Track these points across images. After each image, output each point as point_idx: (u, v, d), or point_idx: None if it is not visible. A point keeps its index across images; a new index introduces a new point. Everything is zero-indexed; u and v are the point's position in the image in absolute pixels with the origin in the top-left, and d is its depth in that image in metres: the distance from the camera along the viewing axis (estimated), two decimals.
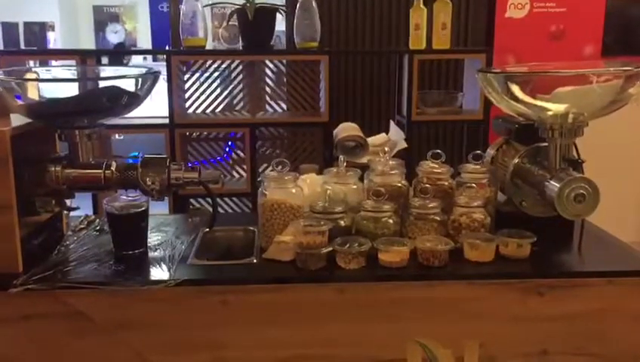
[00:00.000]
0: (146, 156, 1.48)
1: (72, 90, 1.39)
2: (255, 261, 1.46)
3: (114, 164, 1.47)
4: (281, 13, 2.67)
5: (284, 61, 2.94)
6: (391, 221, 1.48)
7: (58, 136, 1.48)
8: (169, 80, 2.51)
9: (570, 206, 1.39)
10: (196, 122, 2.71)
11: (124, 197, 1.53)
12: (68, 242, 1.59)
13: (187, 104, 2.88)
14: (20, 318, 1.33)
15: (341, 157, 1.59)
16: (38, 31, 8.61)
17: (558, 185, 1.39)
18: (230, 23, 2.72)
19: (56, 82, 1.48)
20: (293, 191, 1.52)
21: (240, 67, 2.86)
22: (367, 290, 1.38)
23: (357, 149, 2.60)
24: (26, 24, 8.55)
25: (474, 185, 1.53)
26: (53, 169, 1.45)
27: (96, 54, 2.71)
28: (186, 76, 2.80)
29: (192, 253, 1.51)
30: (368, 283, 1.38)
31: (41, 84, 1.41)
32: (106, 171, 1.46)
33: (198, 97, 2.87)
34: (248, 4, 2.49)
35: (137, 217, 1.51)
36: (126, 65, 7.21)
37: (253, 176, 2.60)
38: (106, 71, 1.63)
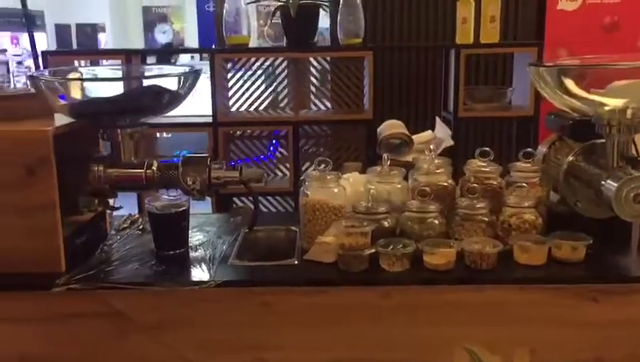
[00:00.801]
0: (186, 155, 1.47)
1: (113, 89, 1.39)
2: (296, 262, 1.43)
3: (155, 164, 1.46)
4: (324, 10, 2.63)
5: (329, 58, 2.91)
6: (436, 222, 1.43)
7: (100, 136, 1.48)
8: (212, 78, 2.51)
9: (629, 206, 1.31)
10: (239, 120, 2.69)
11: (166, 197, 1.53)
12: (111, 241, 1.60)
13: (231, 102, 2.87)
14: (61, 317, 1.34)
15: (385, 156, 1.54)
16: (89, 32, 8.84)
17: (615, 185, 1.31)
18: (275, 20, 2.70)
19: (96, 81, 1.48)
20: (336, 191, 1.49)
21: (283, 65, 2.84)
22: (411, 294, 1.33)
23: (402, 147, 2.54)
24: (78, 26, 8.78)
25: (524, 184, 1.47)
26: (95, 168, 1.45)
27: (141, 54, 2.73)
28: (230, 74, 2.80)
29: (233, 253, 1.49)
30: (413, 286, 1.34)
31: (83, 84, 1.41)
32: (147, 171, 1.46)
33: (241, 95, 2.86)
34: (291, 1, 2.47)
35: (178, 217, 1.50)
36: (174, 64, 7.34)
37: (296, 175, 2.57)
38: (147, 70, 1.63)
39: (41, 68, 2.46)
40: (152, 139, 2.75)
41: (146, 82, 1.44)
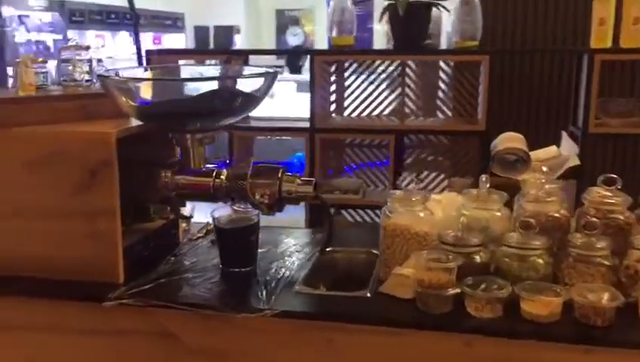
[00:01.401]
0: (258, 165, 1.33)
1: (178, 91, 1.29)
2: (369, 295, 1.24)
3: (224, 173, 1.35)
4: (438, 9, 2.40)
5: (442, 63, 2.66)
6: (541, 261, 1.19)
7: (171, 140, 1.38)
8: (311, 81, 2.37)
9: None
10: (339, 127, 2.49)
11: (236, 208, 1.41)
12: (182, 251, 1.50)
13: (332, 106, 2.69)
14: (112, 332, 1.26)
15: (483, 177, 1.31)
16: (225, 33, 9.18)
17: None
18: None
19: (157, 82, 1.38)
20: (421, 215, 1.29)
21: (390, 68, 2.63)
22: (501, 347, 1.11)
23: (518, 164, 2.25)
24: (215, 27, 9.15)
25: None
26: (163, 174, 1.36)
27: (245, 54, 2.65)
28: (333, 78, 2.63)
29: (301, 276, 1.34)
30: (504, 339, 1.11)
31: (147, 85, 1.31)
32: (216, 180, 1.34)
33: (342, 99, 2.67)
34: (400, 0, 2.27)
35: (246, 232, 1.38)
36: (301, 67, 7.38)
37: (395, 188, 2.36)
38: (221, 71, 1.51)
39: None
40: (250, 141, 2.65)
41: (217, 84, 1.31)
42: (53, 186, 1.27)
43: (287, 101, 5.34)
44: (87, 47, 1.51)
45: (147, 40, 7.69)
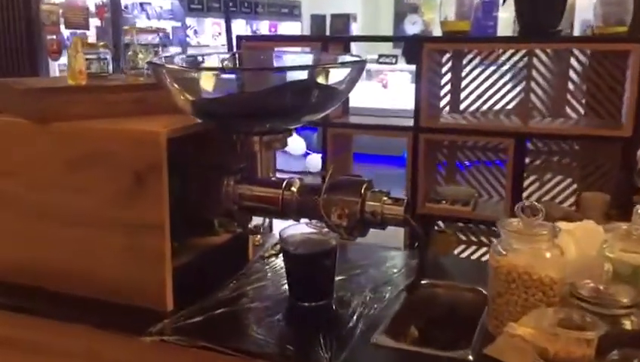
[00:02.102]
0: (339, 178, 1.07)
1: (239, 83, 1.04)
2: (471, 358, 0.94)
3: (297, 183, 1.10)
4: None
5: (578, 54, 2.23)
6: None
7: (235, 143, 1.15)
8: (417, 73, 2.04)
9: None
10: (448, 127, 2.13)
11: (313, 227, 1.15)
12: (249, 271, 1.27)
13: (443, 102, 2.34)
14: None
15: (639, 209, 0.96)
16: (342, 22, 8.99)
17: None
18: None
19: (212, 72, 1.14)
20: (548, 255, 0.96)
21: (514, 59, 2.24)
22: None
23: None
24: (332, 16, 8.99)
25: None
26: (225, 183, 1.13)
27: (344, 41, 2.38)
28: (445, 69, 2.29)
29: (385, 321, 1.06)
30: None
31: (203, 75, 1.08)
32: (286, 192, 1.09)
33: (456, 94, 2.31)
34: None
35: (319, 258, 1.12)
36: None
37: (514, 201, 1.99)
38: (291, 60, 1.24)
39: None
40: (349, 138, 2.37)
41: (290, 76, 1.06)
42: (92, 190, 1.08)
43: (401, 92, 5.02)
44: (155, 31, 1.31)
45: (263, 27, 7.67)
